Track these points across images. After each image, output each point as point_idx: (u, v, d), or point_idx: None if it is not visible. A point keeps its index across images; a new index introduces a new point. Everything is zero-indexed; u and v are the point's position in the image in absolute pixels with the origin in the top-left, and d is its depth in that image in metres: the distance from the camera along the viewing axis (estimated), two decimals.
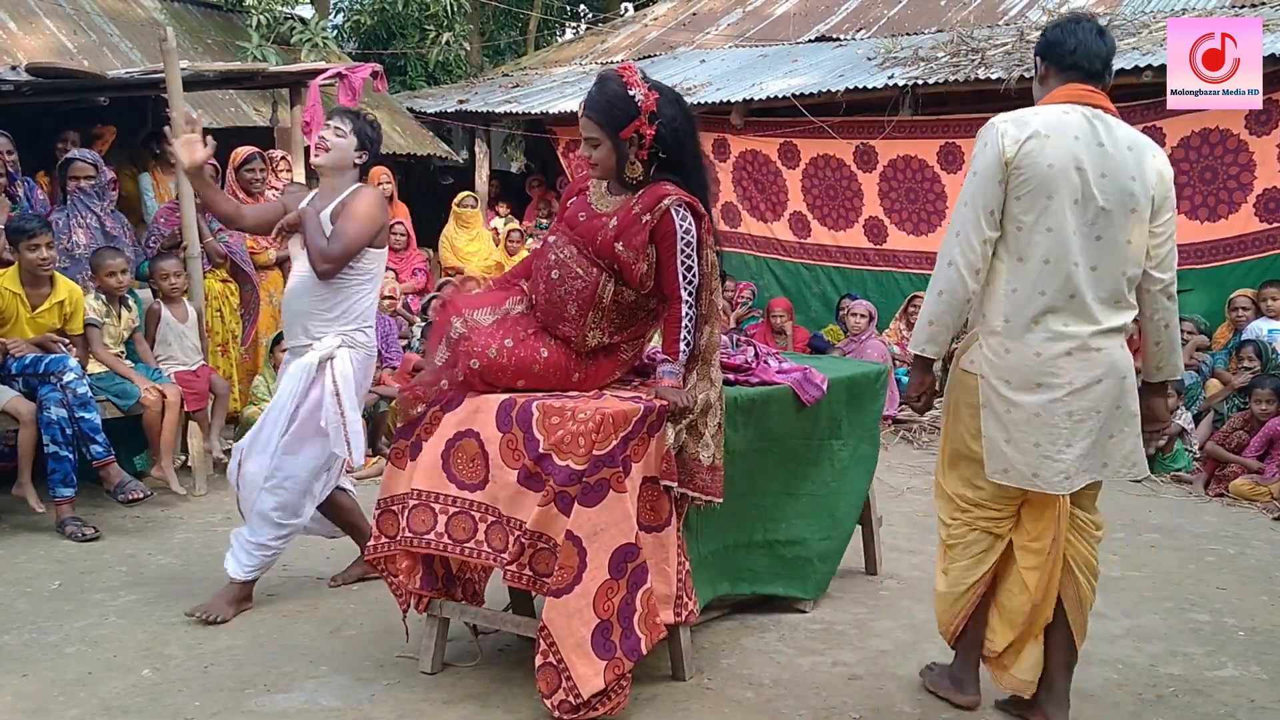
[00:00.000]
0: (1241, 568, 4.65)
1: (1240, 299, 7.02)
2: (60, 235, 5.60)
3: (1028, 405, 2.84)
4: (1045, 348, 2.83)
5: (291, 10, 11.47)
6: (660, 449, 3.10)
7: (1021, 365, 2.85)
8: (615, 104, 3.12)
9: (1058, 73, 2.97)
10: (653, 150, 3.14)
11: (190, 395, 5.68)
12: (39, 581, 4.29)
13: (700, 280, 3.19)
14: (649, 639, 3.04)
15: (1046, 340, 2.83)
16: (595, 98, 3.17)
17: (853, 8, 11.65)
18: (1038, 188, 2.81)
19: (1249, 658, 3.64)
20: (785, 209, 9.35)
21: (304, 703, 3.21)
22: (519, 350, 3.19)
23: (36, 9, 9.47)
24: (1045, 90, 2.99)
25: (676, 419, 3.11)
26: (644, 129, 3.10)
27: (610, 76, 3.18)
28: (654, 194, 3.13)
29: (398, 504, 3.32)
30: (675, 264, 3.14)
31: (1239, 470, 5.93)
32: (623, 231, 3.13)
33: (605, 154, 3.17)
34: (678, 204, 3.12)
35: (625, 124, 3.11)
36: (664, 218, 3.10)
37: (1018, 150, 2.80)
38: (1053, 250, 2.82)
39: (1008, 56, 8.14)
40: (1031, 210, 2.82)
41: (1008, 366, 2.87)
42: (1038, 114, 2.87)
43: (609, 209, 3.22)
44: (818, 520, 3.95)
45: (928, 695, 3.28)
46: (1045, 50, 3.02)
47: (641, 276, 3.16)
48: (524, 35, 17.30)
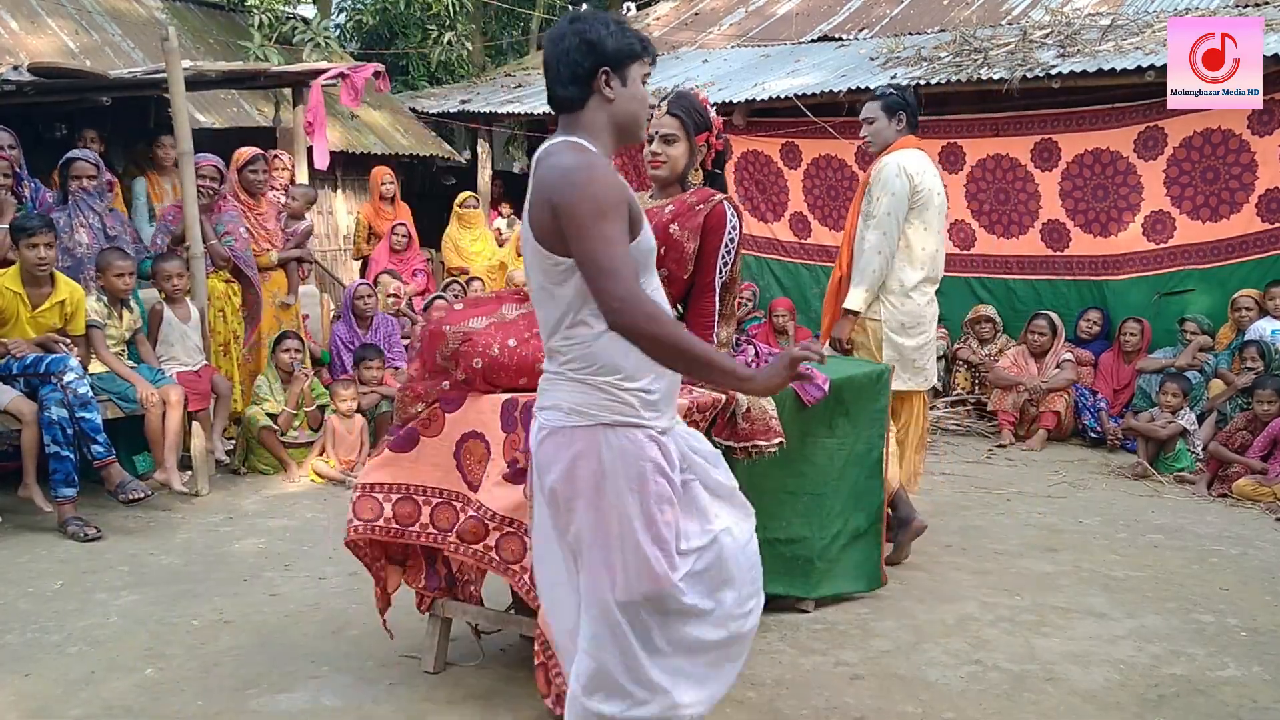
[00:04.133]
0: (1244, 568, 4.64)
1: (1243, 299, 7.02)
2: (62, 234, 5.61)
3: (908, 345, 4.62)
4: (923, 305, 4.67)
5: (294, 10, 11.48)
6: None
7: (910, 314, 4.62)
8: (696, 111, 3.48)
9: (910, 125, 4.61)
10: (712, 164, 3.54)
11: (193, 395, 5.69)
12: (41, 581, 4.29)
13: (728, 279, 3.45)
14: None
15: (924, 301, 4.66)
16: (679, 101, 3.47)
17: (855, 8, 11.64)
18: (925, 203, 4.55)
19: (1252, 658, 3.63)
20: (786, 209, 9.34)
21: (306, 703, 3.22)
22: (522, 349, 3.19)
23: (39, 9, 9.48)
24: (900, 134, 4.59)
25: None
26: (714, 141, 3.53)
27: (687, 92, 3.56)
28: (706, 191, 3.46)
29: (380, 491, 3.30)
30: (716, 256, 3.39)
31: (1242, 470, 5.92)
32: (679, 215, 3.39)
33: (680, 152, 3.45)
34: (729, 202, 3.43)
35: (701, 131, 3.48)
36: (716, 209, 3.38)
37: (916, 181, 4.51)
38: (928, 243, 4.62)
39: (1010, 56, 8.13)
40: (921, 218, 4.58)
41: (902, 314, 4.61)
42: (913, 156, 4.54)
43: (661, 203, 3.48)
44: (817, 520, 3.95)
45: (928, 695, 3.29)
46: (906, 108, 4.59)
47: (689, 257, 3.37)
48: (526, 35, 17.29)
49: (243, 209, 6.64)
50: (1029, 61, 7.91)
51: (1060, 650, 3.67)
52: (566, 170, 2.19)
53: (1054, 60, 7.84)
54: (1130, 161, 7.65)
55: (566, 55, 2.27)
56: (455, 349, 3.20)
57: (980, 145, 8.24)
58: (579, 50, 2.26)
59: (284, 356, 6.28)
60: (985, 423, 7.58)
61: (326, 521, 5.20)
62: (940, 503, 5.63)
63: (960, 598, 4.18)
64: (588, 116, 2.30)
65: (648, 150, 3.45)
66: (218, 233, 6.38)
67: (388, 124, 10.99)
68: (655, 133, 3.45)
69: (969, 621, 3.94)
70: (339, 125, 10.07)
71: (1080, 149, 7.82)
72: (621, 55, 2.29)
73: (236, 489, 5.85)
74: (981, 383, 7.79)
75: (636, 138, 2.41)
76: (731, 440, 3.41)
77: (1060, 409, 7.15)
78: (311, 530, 5.07)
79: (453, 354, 3.20)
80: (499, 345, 3.18)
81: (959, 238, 8.41)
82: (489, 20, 16.89)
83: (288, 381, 6.30)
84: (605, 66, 2.27)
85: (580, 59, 2.26)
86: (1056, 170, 7.94)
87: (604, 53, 2.27)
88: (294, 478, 6.05)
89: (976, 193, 8.31)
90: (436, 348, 3.24)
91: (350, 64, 9.37)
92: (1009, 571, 4.53)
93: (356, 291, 7.21)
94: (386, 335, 7.25)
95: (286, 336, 6.40)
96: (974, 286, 8.39)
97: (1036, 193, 8.06)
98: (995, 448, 7.06)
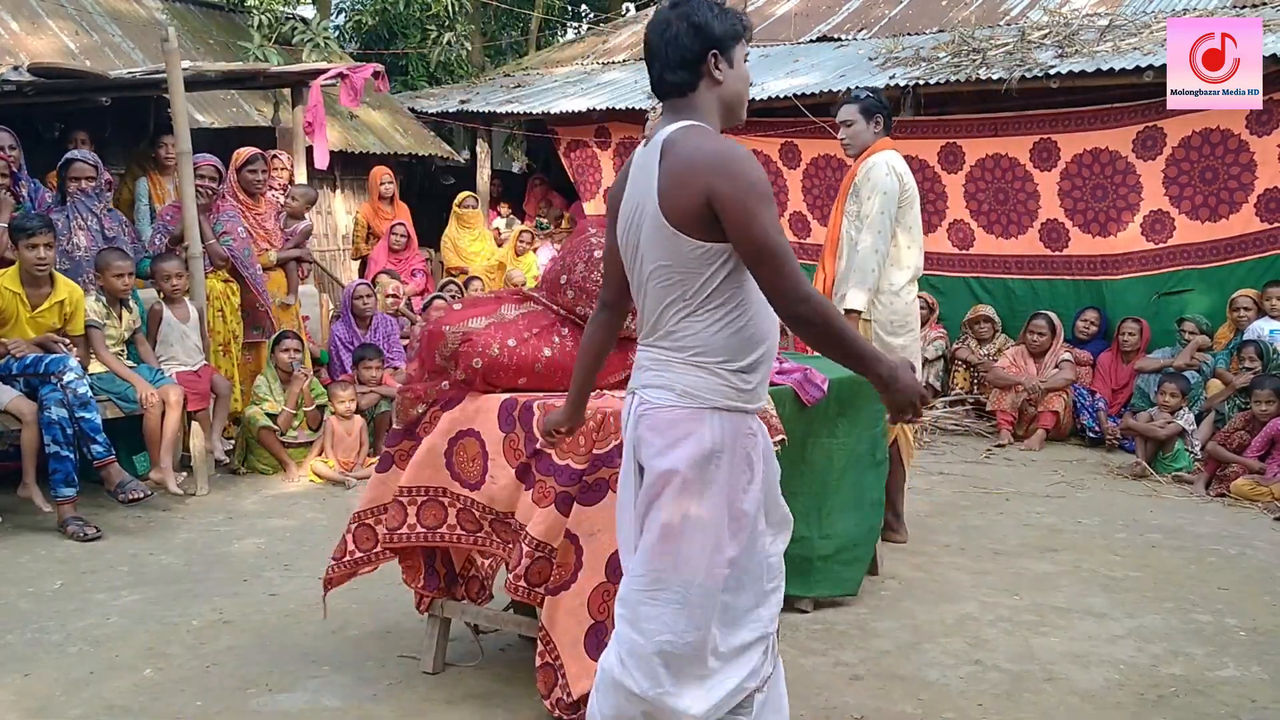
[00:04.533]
0: (1243, 568, 4.65)
1: (1242, 299, 7.02)
2: (60, 237, 5.61)
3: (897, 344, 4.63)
4: (910, 304, 4.72)
5: (293, 10, 11.48)
6: None
7: (899, 314, 4.66)
8: None
9: (886, 127, 4.74)
10: None
11: (192, 395, 5.69)
12: (41, 581, 4.30)
13: None
14: None
15: (910, 300, 4.71)
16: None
17: (854, 8, 11.64)
18: (910, 201, 4.64)
19: (1250, 658, 3.64)
20: (785, 209, 9.35)
21: (306, 703, 3.22)
22: (522, 349, 3.20)
23: (40, 10, 9.48)
24: (877, 136, 4.70)
25: None
26: None
27: None
28: None
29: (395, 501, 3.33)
30: None
31: (1240, 470, 5.93)
32: None
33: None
34: None
35: None
36: None
37: (905, 180, 4.61)
38: (915, 239, 4.70)
39: (1009, 57, 8.14)
40: (908, 216, 4.64)
41: (892, 313, 4.65)
42: (895, 155, 4.66)
43: None
44: (816, 520, 3.96)
45: (928, 695, 3.29)
46: (883, 111, 4.71)
47: None
48: (526, 35, 17.31)
49: (241, 209, 6.65)
50: (1027, 62, 7.91)
51: (1059, 650, 3.67)
52: (722, 155, 2.18)
53: (1052, 60, 7.85)
54: (1129, 161, 7.65)
55: (675, 40, 2.28)
56: (454, 349, 3.20)
57: (979, 145, 8.25)
58: (688, 34, 2.27)
59: (283, 356, 6.28)
60: (984, 423, 7.59)
61: (326, 521, 5.20)
62: (939, 503, 5.64)
63: (960, 598, 4.19)
64: (699, 99, 2.31)
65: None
66: (216, 232, 6.39)
67: (387, 124, 10.99)
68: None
69: (968, 621, 3.94)
70: (338, 125, 10.07)
71: (1079, 149, 7.83)
72: (727, 36, 2.31)
73: (236, 489, 5.85)
74: (980, 383, 7.80)
75: (740, 118, 2.41)
76: None
77: (1059, 409, 7.15)
78: (311, 530, 5.07)
79: (452, 354, 3.21)
80: (498, 345, 3.18)
81: (958, 237, 8.42)
82: (488, 20, 16.89)
83: (287, 381, 6.30)
84: (714, 49, 2.29)
85: (690, 43, 2.28)
86: (1055, 170, 7.95)
87: (712, 35, 2.28)
88: (293, 478, 6.05)
89: (975, 193, 8.32)
90: (435, 348, 3.24)
91: (350, 64, 9.37)
92: (1008, 571, 4.53)
93: (355, 291, 7.21)
94: (386, 335, 7.25)
95: (286, 336, 6.40)
96: (973, 286, 8.39)
97: (1035, 193, 8.07)
98: (994, 448, 7.06)
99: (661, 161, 2.24)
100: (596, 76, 11.52)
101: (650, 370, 2.32)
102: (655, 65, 2.34)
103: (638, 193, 2.30)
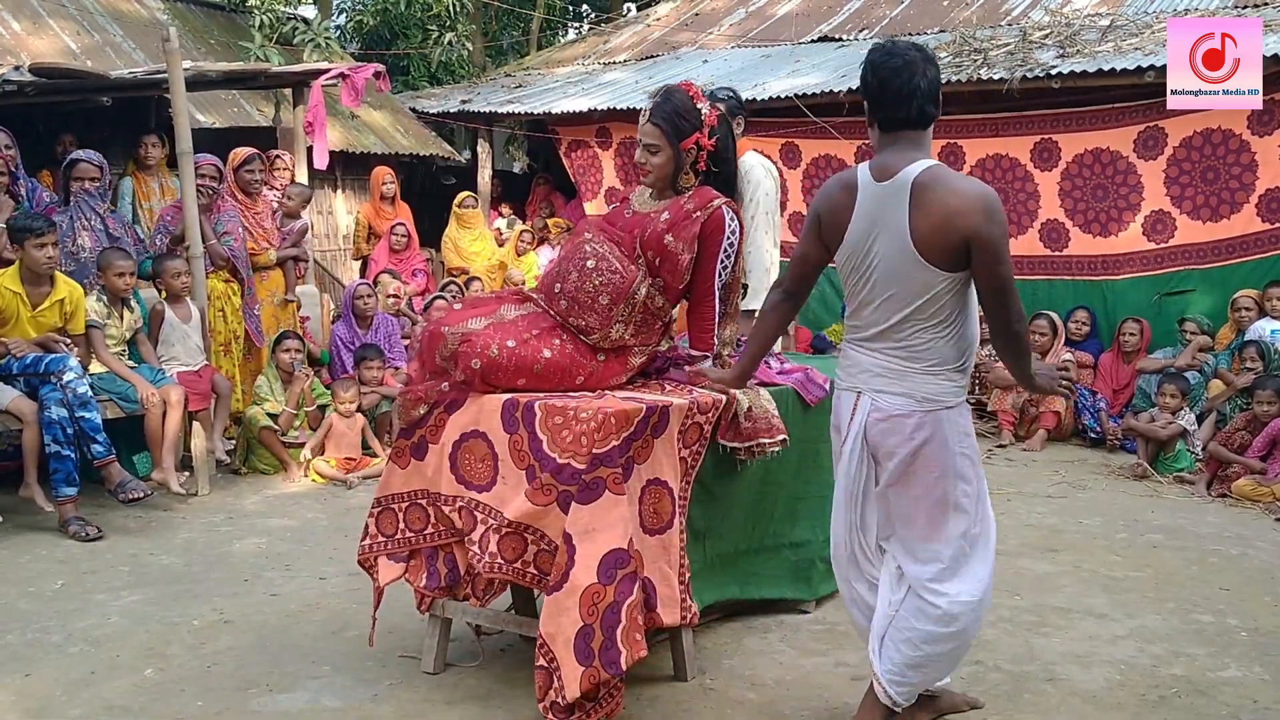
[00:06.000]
0: (1244, 568, 4.64)
1: (1243, 299, 7.02)
2: (64, 238, 5.61)
3: None
4: None
5: (294, 10, 11.49)
6: (668, 450, 3.15)
7: None
8: (682, 115, 3.32)
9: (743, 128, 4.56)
10: (706, 164, 3.37)
11: (193, 395, 5.69)
12: (42, 581, 4.30)
13: (729, 280, 3.41)
14: (629, 655, 2.92)
15: None
16: (662, 107, 3.34)
17: (855, 8, 11.64)
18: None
19: (1252, 659, 3.63)
20: (785, 209, 9.34)
21: (306, 703, 3.22)
22: (521, 350, 3.20)
23: (41, 9, 9.49)
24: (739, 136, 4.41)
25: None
26: (704, 141, 3.34)
27: (676, 90, 3.39)
28: (705, 194, 3.35)
29: (396, 502, 3.34)
30: (715, 262, 3.33)
31: (1242, 471, 5.92)
32: (674, 225, 3.30)
33: (663, 161, 3.34)
34: (728, 206, 3.35)
35: (688, 135, 3.31)
36: (714, 215, 3.31)
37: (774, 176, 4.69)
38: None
39: (1010, 57, 8.14)
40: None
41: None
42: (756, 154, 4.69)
43: (657, 207, 3.39)
44: (821, 522, 3.94)
45: None
46: (742, 112, 4.60)
47: (683, 269, 3.31)
48: (527, 35, 17.30)
49: (239, 208, 6.65)
50: (1029, 62, 7.91)
51: (1060, 650, 3.67)
52: (985, 200, 2.60)
53: (1054, 60, 7.85)
54: (1130, 161, 7.65)
55: (932, 80, 2.65)
56: (454, 349, 3.20)
57: (980, 145, 8.24)
58: (937, 75, 2.67)
59: (284, 356, 6.28)
60: (985, 423, 7.58)
61: (327, 521, 5.20)
62: None
63: None
64: (926, 136, 2.71)
65: (637, 155, 3.39)
66: (217, 232, 6.38)
67: (388, 124, 11.00)
68: (639, 140, 3.36)
69: None
70: (339, 125, 10.07)
71: (1080, 149, 7.82)
72: None
73: (237, 489, 5.85)
74: (981, 383, 7.79)
75: None
76: (735, 441, 3.39)
77: (1060, 409, 7.15)
78: (312, 530, 5.07)
79: (451, 354, 3.21)
80: (498, 346, 3.18)
81: None
82: (489, 21, 16.89)
83: (288, 381, 6.30)
84: None
85: (937, 81, 2.68)
86: (1056, 170, 7.95)
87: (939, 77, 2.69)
88: (294, 478, 6.05)
89: None
90: (435, 348, 3.24)
91: (351, 64, 9.38)
92: (1009, 571, 4.52)
93: (356, 291, 7.21)
94: (386, 335, 7.25)
95: (286, 336, 6.40)
96: None
97: (1036, 192, 8.06)
98: (995, 448, 7.06)
99: (914, 201, 2.60)
100: (597, 76, 11.52)
101: (883, 377, 2.76)
102: (914, 100, 2.64)
103: (877, 226, 2.67)
